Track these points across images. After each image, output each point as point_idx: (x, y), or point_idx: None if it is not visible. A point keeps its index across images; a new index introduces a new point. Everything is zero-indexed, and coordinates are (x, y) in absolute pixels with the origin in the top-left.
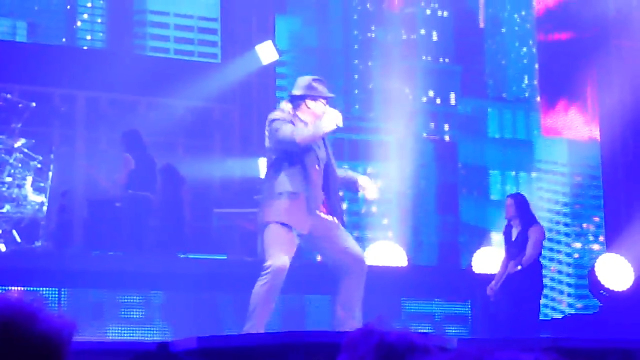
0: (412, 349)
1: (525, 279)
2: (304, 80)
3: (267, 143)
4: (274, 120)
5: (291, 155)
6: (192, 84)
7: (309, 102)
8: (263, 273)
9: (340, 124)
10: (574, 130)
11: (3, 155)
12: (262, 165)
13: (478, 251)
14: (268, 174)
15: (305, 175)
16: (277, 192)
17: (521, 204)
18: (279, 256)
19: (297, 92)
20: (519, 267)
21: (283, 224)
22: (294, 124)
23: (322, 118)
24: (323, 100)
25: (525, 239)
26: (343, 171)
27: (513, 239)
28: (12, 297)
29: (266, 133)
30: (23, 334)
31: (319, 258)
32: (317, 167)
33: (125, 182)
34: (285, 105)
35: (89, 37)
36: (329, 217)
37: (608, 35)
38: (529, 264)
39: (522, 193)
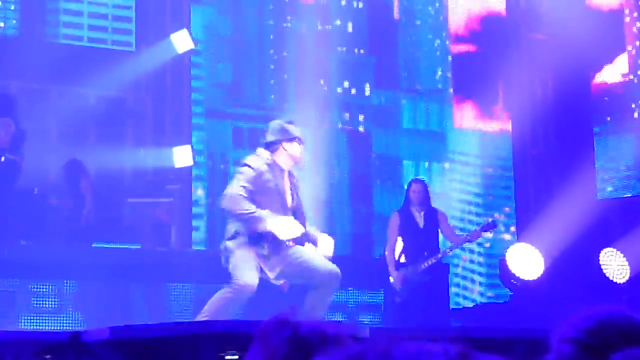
0: (324, 340)
1: (436, 268)
2: (275, 124)
3: None
4: (243, 165)
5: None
6: (106, 73)
7: (285, 144)
8: (231, 283)
9: (291, 236)
10: (486, 123)
11: None
12: (176, 154)
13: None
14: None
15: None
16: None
17: (427, 190)
18: (249, 274)
19: (271, 137)
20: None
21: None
22: (256, 182)
23: (284, 228)
24: (297, 142)
25: (435, 225)
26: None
27: (421, 225)
28: None
29: None
30: None
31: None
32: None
33: (7, 146)
34: (263, 152)
35: (1, 24)
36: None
37: (519, 27)
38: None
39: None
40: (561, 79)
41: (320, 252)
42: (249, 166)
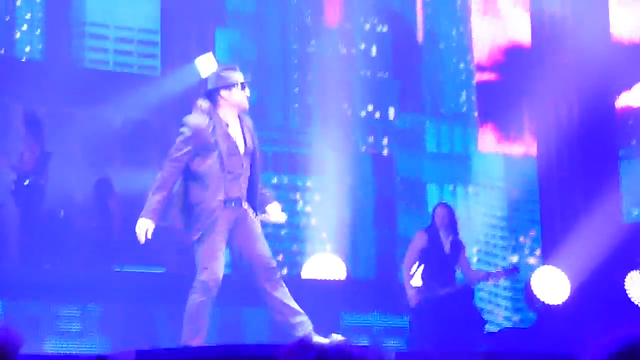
0: None
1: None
2: (213, 73)
3: None
4: (182, 125)
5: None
6: (131, 97)
7: (223, 92)
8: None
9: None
10: (510, 146)
11: None
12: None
13: (416, 265)
14: None
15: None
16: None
17: (453, 215)
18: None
19: (210, 86)
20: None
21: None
22: (191, 142)
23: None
24: (237, 87)
25: (459, 250)
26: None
27: (447, 250)
28: None
29: None
30: None
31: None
32: (220, 172)
33: (31, 168)
34: (203, 102)
35: (27, 49)
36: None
37: (543, 51)
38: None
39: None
40: (586, 102)
41: (271, 219)
42: (186, 125)
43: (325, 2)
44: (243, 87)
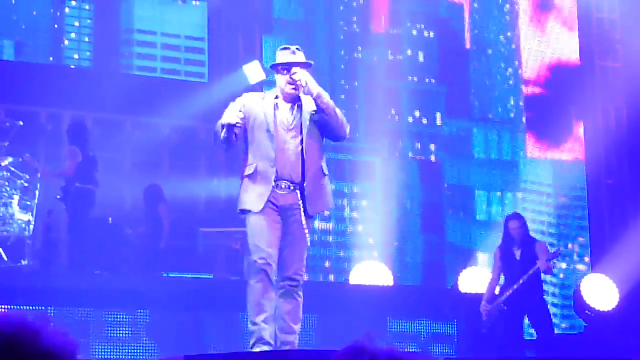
0: None
1: (536, 298)
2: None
3: None
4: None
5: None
6: (179, 103)
7: (276, 76)
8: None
9: (230, 122)
10: (559, 151)
11: None
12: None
13: (464, 271)
14: None
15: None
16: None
17: (525, 225)
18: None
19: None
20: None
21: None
22: (238, 109)
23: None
24: (285, 71)
25: (531, 257)
26: None
27: (518, 257)
28: (16, 314)
29: None
30: (28, 350)
31: None
32: (272, 147)
33: (72, 175)
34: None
35: (76, 56)
36: (303, 221)
37: (592, 55)
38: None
39: (519, 213)
40: (635, 107)
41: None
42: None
43: (372, 8)
44: (283, 71)
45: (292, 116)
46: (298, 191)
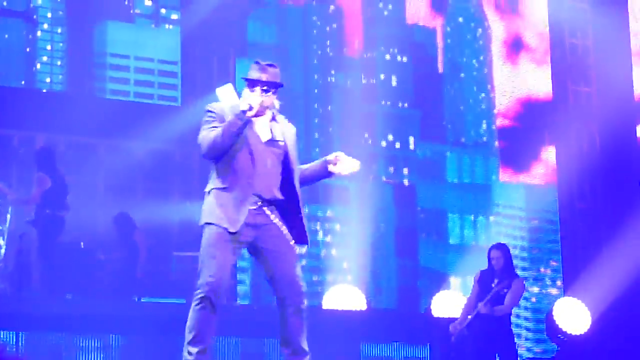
0: None
1: (498, 327)
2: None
3: None
4: (205, 112)
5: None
6: (152, 127)
7: (246, 91)
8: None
9: (251, 105)
10: (531, 176)
11: None
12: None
13: (437, 295)
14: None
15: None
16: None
17: (507, 255)
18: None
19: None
20: (484, 311)
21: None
22: (222, 120)
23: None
24: (255, 88)
25: (505, 288)
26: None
27: (493, 285)
28: None
29: None
30: None
31: None
32: (249, 161)
33: (40, 202)
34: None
35: (48, 80)
36: (284, 229)
37: (565, 80)
38: (502, 314)
39: (504, 243)
40: (608, 132)
41: (339, 169)
42: (205, 118)
43: (345, 33)
44: (270, 91)
45: (273, 134)
46: (275, 208)
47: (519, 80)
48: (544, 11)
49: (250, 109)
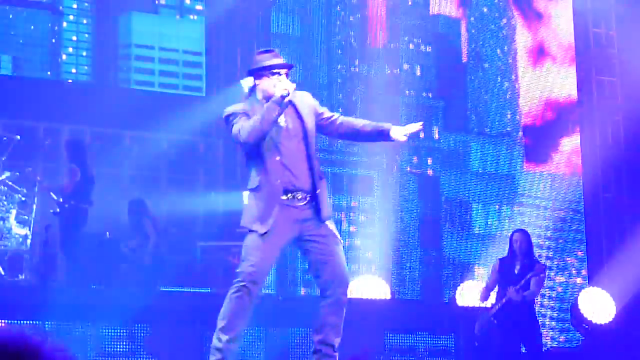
0: None
1: (525, 315)
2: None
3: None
4: (226, 117)
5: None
6: (177, 118)
7: (257, 82)
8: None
9: (288, 91)
10: (556, 165)
11: None
12: (245, 198)
13: (461, 285)
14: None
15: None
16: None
17: (528, 240)
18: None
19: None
20: (516, 297)
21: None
22: (248, 116)
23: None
24: (274, 74)
25: (526, 274)
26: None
27: (516, 272)
28: (16, 330)
29: None
30: None
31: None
32: (277, 158)
33: (70, 193)
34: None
35: (73, 71)
36: (329, 223)
37: (590, 70)
38: (532, 297)
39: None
40: (632, 121)
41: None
42: (230, 114)
43: (369, 23)
44: (272, 74)
45: (291, 120)
46: (310, 199)
47: (545, 84)
48: (569, 10)
49: (288, 94)
